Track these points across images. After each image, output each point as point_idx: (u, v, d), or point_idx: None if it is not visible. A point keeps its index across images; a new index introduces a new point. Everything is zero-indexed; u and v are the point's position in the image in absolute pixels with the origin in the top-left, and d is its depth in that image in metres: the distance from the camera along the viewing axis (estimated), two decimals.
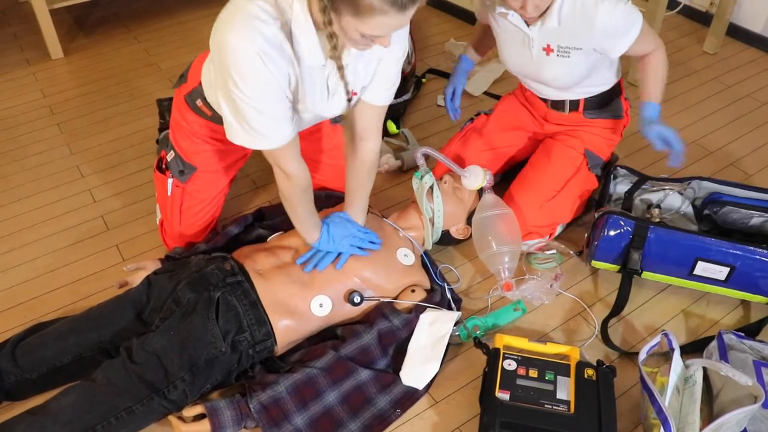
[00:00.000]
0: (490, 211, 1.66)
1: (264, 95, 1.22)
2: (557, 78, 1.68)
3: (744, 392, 1.26)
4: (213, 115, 1.49)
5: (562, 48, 1.60)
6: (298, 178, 1.38)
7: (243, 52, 1.17)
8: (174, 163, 1.61)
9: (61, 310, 1.62)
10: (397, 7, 1.08)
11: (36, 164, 2.11)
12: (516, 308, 1.60)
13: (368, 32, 1.13)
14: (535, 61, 1.66)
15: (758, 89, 2.49)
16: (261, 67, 1.18)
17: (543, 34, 1.60)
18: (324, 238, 1.49)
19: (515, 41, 1.66)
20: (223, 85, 1.24)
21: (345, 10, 1.10)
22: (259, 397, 1.32)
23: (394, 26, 1.13)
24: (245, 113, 1.24)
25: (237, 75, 1.19)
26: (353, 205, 1.56)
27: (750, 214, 1.68)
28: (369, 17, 1.09)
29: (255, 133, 1.27)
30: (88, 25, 2.91)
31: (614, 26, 1.54)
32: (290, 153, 1.34)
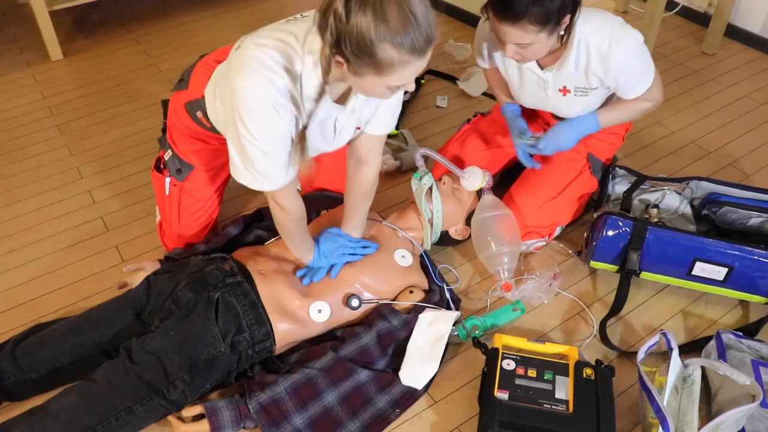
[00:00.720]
0: (489, 212, 1.66)
1: (273, 139, 1.25)
2: (574, 112, 1.70)
3: (742, 391, 1.27)
4: (212, 127, 1.50)
5: (579, 88, 1.62)
6: (293, 211, 1.40)
7: (256, 100, 1.19)
8: (171, 162, 1.62)
9: (61, 310, 1.63)
10: (417, 55, 1.10)
11: (36, 165, 2.12)
12: (515, 308, 1.61)
13: (392, 84, 1.15)
14: (551, 100, 1.68)
15: (756, 90, 2.49)
16: (273, 114, 1.21)
17: (558, 78, 1.61)
18: (316, 256, 1.51)
19: (530, 83, 1.67)
20: (232, 126, 1.26)
21: (366, 71, 1.11)
22: (258, 397, 1.33)
23: (417, 71, 1.15)
24: (251, 155, 1.26)
25: (248, 119, 1.21)
26: (350, 222, 1.57)
27: (748, 215, 1.68)
28: (391, 72, 1.11)
29: (258, 174, 1.29)
30: (87, 27, 2.92)
31: (629, 74, 1.56)
32: (288, 191, 1.36)
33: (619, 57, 1.51)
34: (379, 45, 1.06)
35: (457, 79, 2.51)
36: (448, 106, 2.40)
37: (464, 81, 2.49)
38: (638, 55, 1.55)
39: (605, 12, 1.55)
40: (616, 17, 1.55)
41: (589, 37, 1.51)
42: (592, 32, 1.51)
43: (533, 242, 1.75)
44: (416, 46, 1.08)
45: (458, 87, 2.49)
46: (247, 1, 3.07)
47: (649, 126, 2.30)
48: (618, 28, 1.52)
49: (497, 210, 1.67)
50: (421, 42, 1.09)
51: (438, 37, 1.12)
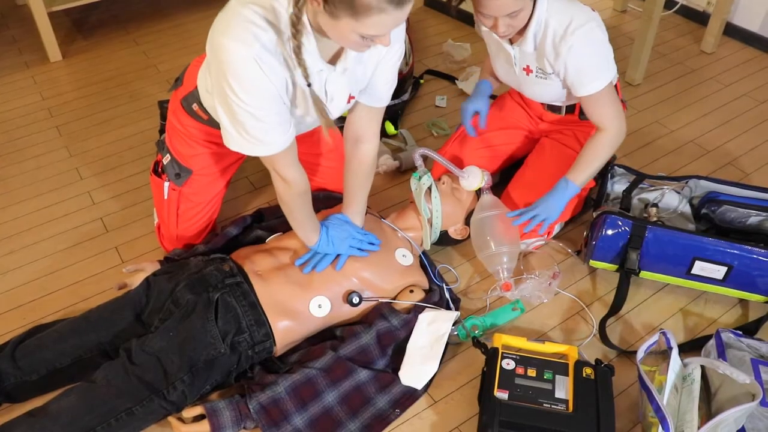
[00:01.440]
0: (489, 212, 1.66)
1: (261, 101, 1.21)
2: (537, 95, 1.72)
3: (742, 390, 1.27)
4: (209, 119, 1.49)
5: (540, 70, 1.62)
6: (296, 183, 1.37)
7: (240, 57, 1.16)
8: (170, 167, 1.61)
9: (61, 312, 1.63)
10: (394, 4, 1.08)
11: (35, 167, 2.12)
12: (514, 308, 1.61)
13: (367, 32, 1.12)
14: (518, 77, 1.69)
15: (755, 88, 2.49)
16: (258, 72, 1.17)
17: (522, 55, 1.61)
18: (323, 240, 1.49)
19: (501, 57, 1.69)
20: (219, 91, 1.23)
21: (342, 12, 1.09)
22: (258, 397, 1.33)
23: (393, 24, 1.13)
24: (242, 119, 1.23)
25: (234, 80, 1.18)
26: (351, 207, 1.56)
27: (747, 213, 1.68)
28: (367, 17, 1.09)
29: (252, 139, 1.26)
30: (86, 28, 2.92)
31: (581, 66, 1.52)
32: (288, 159, 1.33)
33: (573, 45, 1.48)
34: None
35: (456, 79, 2.51)
36: (447, 106, 2.40)
37: (463, 81, 2.49)
38: (596, 48, 1.51)
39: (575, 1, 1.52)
40: (587, 8, 1.52)
41: (549, 17, 1.50)
42: (554, 14, 1.49)
43: (532, 241, 1.75)
44: None
45: (457, 87, 2.49)
46: None
47: (649, 125, 2.30)
48: (581, 17, 1.48)
49: (496, 209, 1.67)
50: None
51: None
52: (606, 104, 1.58)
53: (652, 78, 2.55)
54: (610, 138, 1.60)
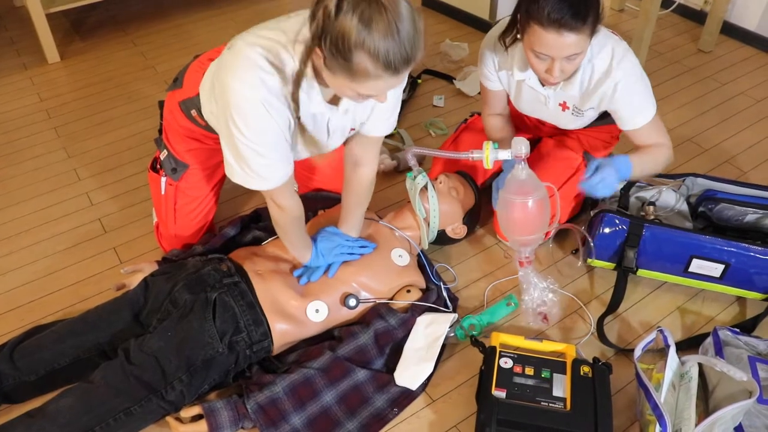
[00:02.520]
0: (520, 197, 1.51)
1: (265, 140, 1.24)
2: (573, 125, 1.70)
3: (739, 387, 1.27)
4: (206, 126, 1.50)
5: (577, 108, 1.62)
6: (291, 209, 1.40)
7: (246, 99, 1.19)
8: (167, 162, 1.62)
9: (59, 312, 1.63)
10: (390, 72, 1.09)
11: (33, 168, 2.12)
12: (509, 303, 1.61)
13: (364, 93, 1.15)
14: (550, 113, 1.68)
15: (752, 87, 2.50)
16: (264, 115, 1.20)
17: (558, 95, 1.60)
18: (313, 255, 1.51)
19: (530, 98, 1.67)
20: (225, 127, 1.26)
21: (339, 73, 1.11)
22: (256, 397, 1.33)
23: (389, 87, 1.14)
24: (246, 155, 1.25)
25: (240, 119, 1.21)
26: (347, 223, 1.58)
27: (744, 211, 1.68)
28: (363, 81, 1.11)
29: (253, 174, 1.29)
30: (84, 29, 2.92)
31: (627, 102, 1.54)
32: (285, 190, 1.36)
33: (618, 81, 1.49)
34: (356, 51, 1.06)
35: (454, 79, 2.52)
36: (445, 106, 2.40)
37: (461, 80, 2.49)
38: (639, 78, 1.53)
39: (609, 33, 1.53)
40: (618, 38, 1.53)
41: (594, 59, 1.50)
42: (597, 54, 1.50)
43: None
44: (392, 62, 1.07)
45: (455, 86, 2.49)
46: (243, 2, 3.08)
47: None
48: (619, 51, 1.50)
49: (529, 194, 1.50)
50: (399, 60, 1.08)
51: (418, 61, 1.11)
52: (654, 131, 1.60)
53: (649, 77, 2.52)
54: (667, 151, 1.61)
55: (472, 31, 2.87)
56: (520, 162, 1.49)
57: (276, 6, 3.05)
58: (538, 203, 1.50)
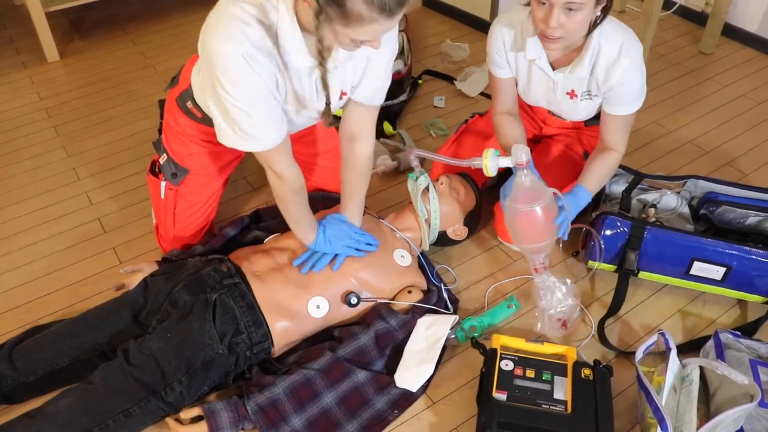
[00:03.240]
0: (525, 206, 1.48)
1: (252, 98, 1.23)
2: (579, 116, 1.70)
3: (740, 391, 1.27)
4: (203, 117, 1.49)
5: (585, 93, 1.62)
6: (291, 179, 1.38)
7: (229, 55, 1.17)
8: (166, 166, 1.61)
9: (58, 312, 1.62)
10: (386, 14, 1.09)
11: (32, 167, 2.11)
12: (509, 305, 1.61)
13: (358, 38, 1.14)
14: (558, 101, 1.68)
15: (754, 89, 2.50)
16: (247, 70, 1.19)
17: (567, 81, 1.60)
18: (320, 239, 1.49)
19: (539, 83, 1.66)
20: (211, 88, 1.24)
21: (335, 19, 1.10)
22: (256, 398, 1.32)
23: (384, 31, 1.14)
24: (235, 116, 1.24)
25: (224, 78, 1.20)
26: (349, 207, 1.56)
27: (746, 214, 1.68)
28: (358, 25, 1.10)
29: (245, 135, 1.27)
30: (84, 28, 2.91)
31: (628, 88, 1.54)
32: (282, 155, 1.34)
33: (626, 68, 1.50)
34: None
35: (455, 79, 2.51)
36: (446, 107, 2.40)
37: (461, 81, 2.49)
38: (642, 71, 1.54)
39: (620, 22, 1.54)
40: (629, 29, 1.53)
41: (602, 41, 1.50)
42: (607, 38, 1.50)
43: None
44: (387, 5, 1.07)
45: (455, 87, 2.49)
46: None
47: (647, 125, 2.30)
48: (629, 40, 1.50)
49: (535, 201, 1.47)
50: (393, 3, 1.08)
51: (411, 2, 1.12)
52: (627, 126, 1.61)
53: (650, 79, 2.50)
54: (619, 159, 1.64)
55: (473, 31, 2.87)
56: (522, 169, 1.47)
57: None
58: (545, 209, 1.47)
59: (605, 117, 1.61)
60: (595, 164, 1.63)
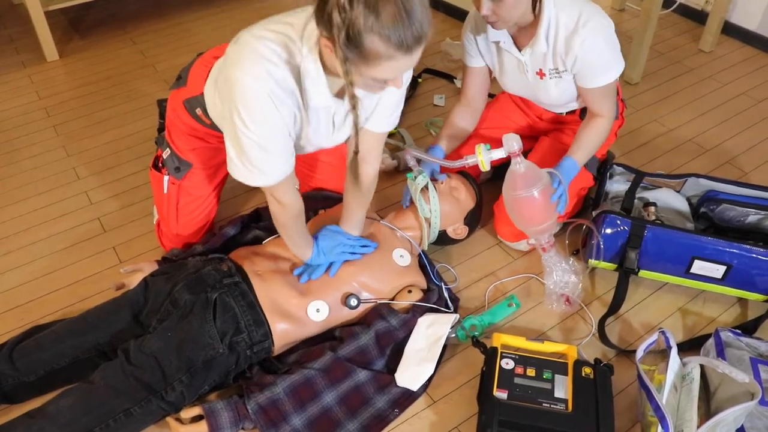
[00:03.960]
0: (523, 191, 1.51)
1: (270, 134, 1.24)
2: (554, 99, 1.71)
3: (741, 389, 1.27)
4: (211, 124, 1.49)
5: (552, 70, 1.61)
6: (291, 206, 1.39)
7: (253, 92, 1.18)
8: (170, 160, 1.62)
9: (59, 312, 1.62)
10: (403, 50, 1.08)
11: (32, 167, 2.11)
12: (510, 304, 1.61)
13: (378, 77, 1.14)
14: (530, 84, 1.68)
15: (753, 87, 2.49)
16: (270, 108, 1.20)
17: (534, 59, 1.61)
18: (315, 253, 1.50)
19: (510, 68, 1.67)
20: (229, 121, 1.25)
21: (353, 59, 1.10)
22: (256, 398, 1.32)
23: (403, 68, 1.14)
24: (248, 150, 1.25)
25: (245, 112, 1.20)
26: (349, 221, 1.57)
27: (746, 212, 1.68)
28: (377, 64, 1.10)
29: (255, 170, 1.28)
30: (83, 27, 2.91)
31: (592, 59, 1.54)
32: (286, 186, 1.35)
33: (585, 37, 1.49)
34: (366, 36, 1.05)
35: (454, 78, 2.51)
36: (445, 105, 2.40)
37: (461, 79, 2.48)
38: (606, 41, 1.53)
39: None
40: (591, 2, 1.53)
41: (559, 13, 1.50)
42: (563, 9, 1.50)
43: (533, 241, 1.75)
44: (404, 42, 1.07)
45: (455, 86, 2.48)
46: (243, 1, 3.07)
47: (647, 123, 2.30)
48: (589, 9, 1.50)
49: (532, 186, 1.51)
50: (410, 39, 1.07)
51: (429, 37, 1.10)
52: (607, 96, 1.62)
53: (650, 77, 2.55)
54: (607, 123, 1.65)
55: None
56: (516, 157, 1.49)
57: (274, 4, 3.04)
58: (543, 192, 1.51)
59: (583, 92, 1.63)
60: (584, 133, 1.65)
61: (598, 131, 1.66)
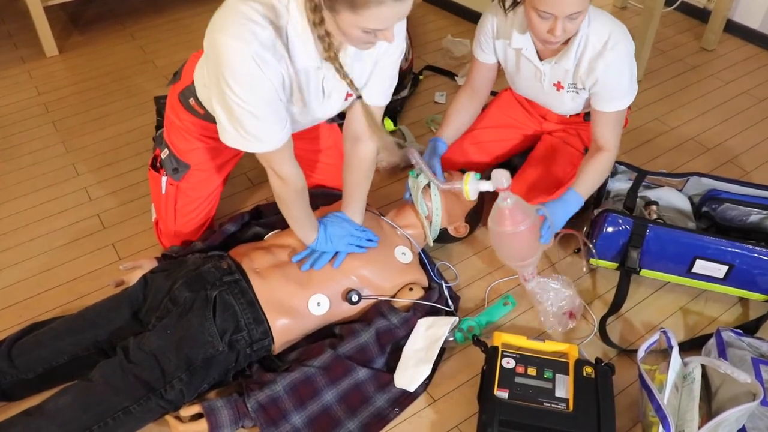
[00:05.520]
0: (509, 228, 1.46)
1: (258, 98, 1.21)
2: (566, 108, 1.70)
3: (742, 389, 1.26)
4: (205, 114, 1.48)
5: (571, 85, 1.61)
6: (293, 180, 1.37)
7: (238, 54, 1.15)
8: (168, 161, 1.60)
9: (58, 309, 1.62)
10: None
11: (31, 163, 2.10)
12: (506, 303, 1.60)
13: (368, 26, 1.11)
14: (545, 93, 1.67)
15: (756, 86, 2.49)
16: (256, 70, 1.17)
17: (554, 72, 1.60)
18: (321, 238, 1.48)
19: (526, 73, 1.66)
20: (216, 87, 1.22)
21: (341, 6, 1.08)
22: (256, 396, 1.32)
23: (393, 16, 1.11)
24: (239, 116, 1.22)
25: (231, 77, 1.18)
26: (351, 205, 1.55)
27: (748, 212, 1.68)
28: (365, 9, 1.08)
29: (248, 136, 1.25)
30: (83, 23, 2.89)
31: (613, 82, 1.53)
32: (284, 156, 1.33)
33: (609, 62, 1.49)
34: None
35: (456, 75, 2.50)
36: (446, 103, 2.39)
37: (462, 77, 2.48)
38: (629, 68, 1.53)
39: (611, 16, 1.53)
40: (620, 23, 1.53)
41: (590, 33, 1.50)
42: (594, 30, 1.50)
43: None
44: None
45: (456, 83, 2.47)
46: None
47: (649, 122, 2.29)
48: (617, 33, 1.50)
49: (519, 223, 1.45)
50: None
51: None
52: (617, 124, 1.60)
53: (652, 75, 2.54)
54: (611, 158, 1.62)
55: (474, 27, 2.84)
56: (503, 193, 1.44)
57: None
58: (530, 228, 1.46)
59: (594, 114, 1.61)
60: (588, 167, 1.62)
61: (601, 169, 1.62)
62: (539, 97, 1.73)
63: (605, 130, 1.60)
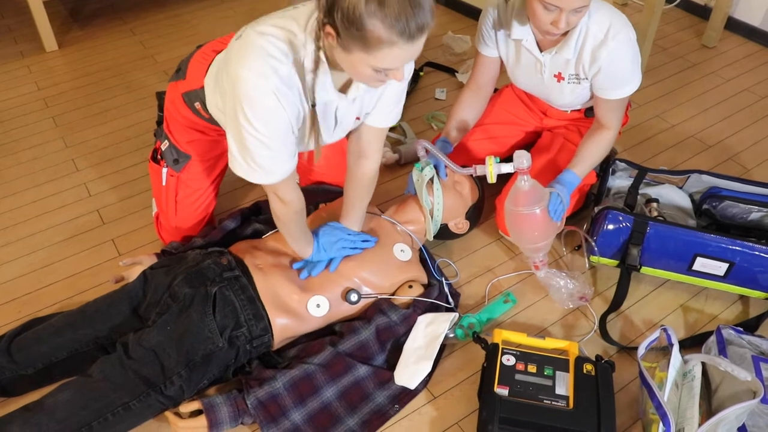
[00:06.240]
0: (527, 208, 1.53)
1: (274, 129, 1.22)
2: (566, 100, 1.70)
3: (743, 387, 1.26)
4: (210, 118, 1.48)
5: (572, 76, 1.61)
6: (294, 203, 1.38)
7: (258, 89, 1.16)
8: (168, 153, 1.60)
9: (57, 305, 1.61)
10: (405, 38, 1.07)
11: (30, 158, 2.09)
12: (506, 300, 1.60)
13: (379, 65, 1.12)
14: (545, 84, 1.67)
15: (757, 83, 2.48)
16: (275, 104, 1.18)
17: (555, 62, 1.60)
18: (315, 250, 1.49)
19: (527, 65, 1.66)
20: (232, 118, 1.23)
21: (353, 45, 1.09)
22: (256, 393, 1.32)
23: (405, 57, 1.12)
24: (252, 148, 1.23)
25: (250, 110, 1.18)
26: (349, 216, 1.56)
27: (749, 209, 1.67)
28: (378, 50, 1.08)
29: (258, 168, 1.26)
30: (82, 17, 2.89)
31: (616, 71, 1.54)
32: (289, 184, 1.34)
33: (612, 50, 1.50)
34: (368, 19, 1.04)
35: (456, 72, 2.50)
36: (447, 99, 2.38)
37: (463, 73, 2.47)
38: (631, 56, 1.53)
39: (611, 6, 1.54)
40: (620, 12, 1.53)
41: (590, 24, 1.51)
42: (594, 18, 1.50)
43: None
44: (407, 29, 1.05)
45: (457, 79, 2.47)
46: None
47: (649, 119, 2.29)
48: (618, 23, 1.50)
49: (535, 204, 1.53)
50: (413, 27, 1.06)
51: (432, 26, 1.09)
52: (621, 108, 1.62)
53: (653, 72, 2.53)
54: (612, 137, 1.64)
55: (475, 23, 2.83)
56: (523, 174, 1.50)
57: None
58: (544, 211, 1.54)
59: (598, 101, 1.62)
60: (588, 145, 1.64)
61: (602, 145, 1.64)
62: (539, 90, 1.73)
63: (609, 113, 1.62)
